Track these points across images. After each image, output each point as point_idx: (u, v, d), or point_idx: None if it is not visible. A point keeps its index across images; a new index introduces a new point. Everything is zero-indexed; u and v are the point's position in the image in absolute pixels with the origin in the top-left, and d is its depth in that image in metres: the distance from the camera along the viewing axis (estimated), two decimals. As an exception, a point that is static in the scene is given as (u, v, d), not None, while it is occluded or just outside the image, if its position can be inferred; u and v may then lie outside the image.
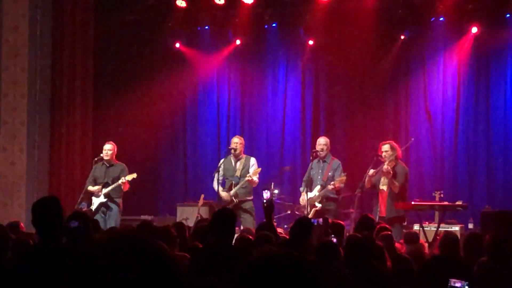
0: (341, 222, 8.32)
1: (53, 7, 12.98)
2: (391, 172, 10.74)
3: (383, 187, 10.90)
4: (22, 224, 8.46)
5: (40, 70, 12.72)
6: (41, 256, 4.37)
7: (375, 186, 11.01)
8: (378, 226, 8.23)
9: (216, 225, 5.80)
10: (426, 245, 9.26)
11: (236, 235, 6.55)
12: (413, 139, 12.24)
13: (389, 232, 7.58)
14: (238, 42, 14.47)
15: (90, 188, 11.45)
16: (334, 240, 6.40)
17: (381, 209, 10.80)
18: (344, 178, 10.93)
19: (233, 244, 6.10)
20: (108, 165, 11.47)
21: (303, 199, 11.16)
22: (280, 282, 1.86)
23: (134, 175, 11.30)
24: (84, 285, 1.28)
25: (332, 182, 10.89)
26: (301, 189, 11.40)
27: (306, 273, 1.90)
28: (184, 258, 5.94)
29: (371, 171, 10.85)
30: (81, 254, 1.30)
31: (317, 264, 1.96)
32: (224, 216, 5.89)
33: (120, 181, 11.24)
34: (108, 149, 11.49)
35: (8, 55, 12.59)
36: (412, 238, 8.59)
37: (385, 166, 10.76)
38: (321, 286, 1.91)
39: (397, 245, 7.85)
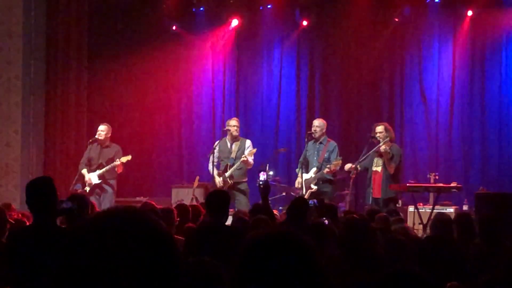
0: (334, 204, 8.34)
1: (47, -12, 12.90)
2: (389, 152, 10.75)
3: (377, 168, 10.90)
4: (13, 206, 8.46)
5: (34, 51, 12.65)
6: (37, 236, 4.38)
7: (367, 168, 11.03)
8: (369, 210, 8.27)
9: (210, 207, 5.83)
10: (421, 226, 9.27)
11: (231, 216, 6.58)
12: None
13: (385, 214, 7.61)
14: (233, 23, 14.40)
15: (84, 172, 11.45)
16: (326, 222, 6.41)
17: (375, 191, 10.82)
18: (340, 162, 10.92)
19: (229, 225, 6.12)
20: (102, 146, 11.48)
21: (299, 182, 11.16)
22: (276, 260, 1.87)
23: (129, 157, 11.33)
24: (80, 259, 1.28)
25: (328, 166, 10.88)
26: (297, 170, 11.39)
27: (301, 252, 1.90)
28: (179, 241, 5.96)
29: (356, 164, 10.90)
30: (77, 229, 1.30)
31: (312, 243, 1.96)
32: (218, 197, 5.93)
33: (114, 163, 11.26)
34: (102, 130, 11.52)
35: (2, 36, 12.52)
36: None
37: (383, 147, 10.75)
38: (316, 265, 1.92)
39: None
